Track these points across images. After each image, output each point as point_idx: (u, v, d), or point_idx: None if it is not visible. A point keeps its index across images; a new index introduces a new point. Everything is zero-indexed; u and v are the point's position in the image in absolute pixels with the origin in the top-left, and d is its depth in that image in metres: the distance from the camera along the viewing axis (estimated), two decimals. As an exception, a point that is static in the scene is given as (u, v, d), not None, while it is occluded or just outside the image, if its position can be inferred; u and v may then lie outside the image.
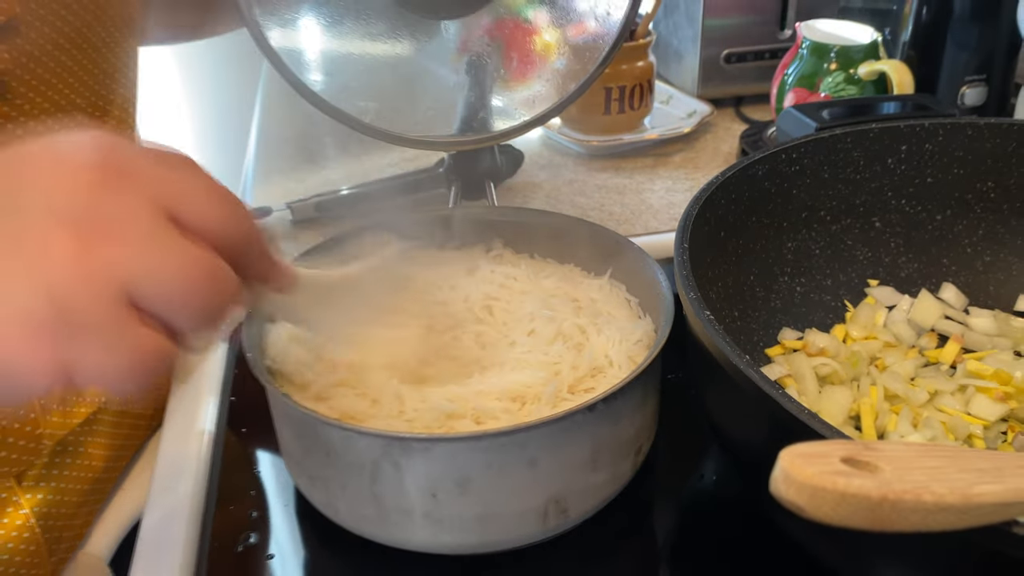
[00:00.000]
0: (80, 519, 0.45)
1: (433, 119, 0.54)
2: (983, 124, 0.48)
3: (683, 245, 0.37)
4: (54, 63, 0.41)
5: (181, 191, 0.25)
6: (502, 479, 0.32)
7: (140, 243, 0.24)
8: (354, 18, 0.48)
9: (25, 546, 0.42)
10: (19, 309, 0.23)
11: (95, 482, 0.46)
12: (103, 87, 0.45)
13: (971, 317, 0.48)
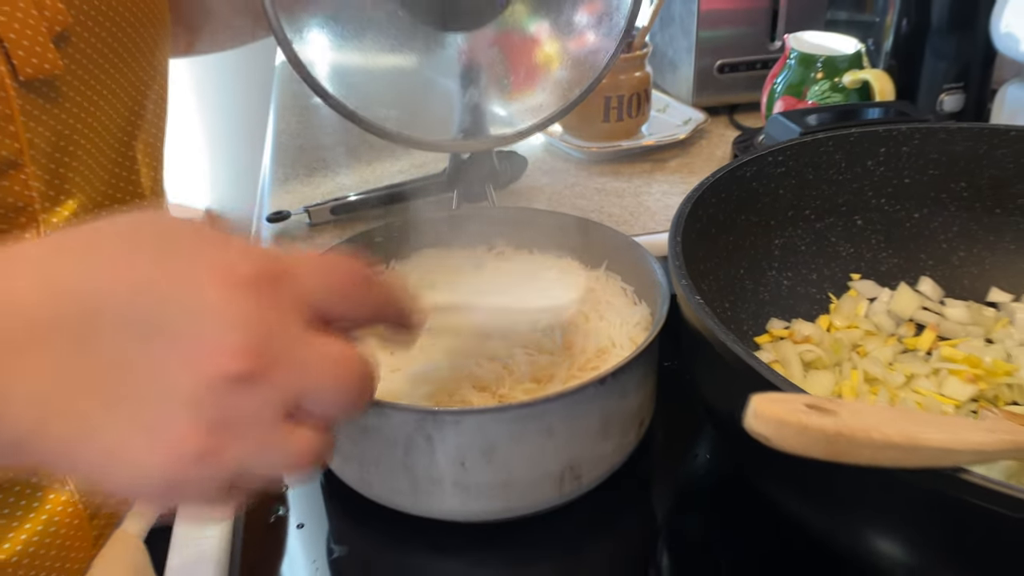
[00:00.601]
0: (115, 498, 0.49)
1: (445, 124, 0.57)
2: (955, 128, 0.52)
3: (676, 238, 0.40)
4: (98, 69, 0.45)
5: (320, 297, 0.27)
6: (523, 447, 0.36)
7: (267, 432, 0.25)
8: (374, 33, 0.52)
9: (70, 520, 0.46)
10: (136, 484, 0.25)
11: None
12: (138, 92, 0.49)
13: (946, 308, 0.51)
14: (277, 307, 0.25)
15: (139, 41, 0.47)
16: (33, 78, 0.40)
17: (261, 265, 0.25)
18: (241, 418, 0.24)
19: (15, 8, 0.38)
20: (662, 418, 0.46)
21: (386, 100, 0.52)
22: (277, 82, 0.99)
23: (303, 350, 0.25)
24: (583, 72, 0.60)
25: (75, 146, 0.44)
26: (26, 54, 0.39)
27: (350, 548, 0.40)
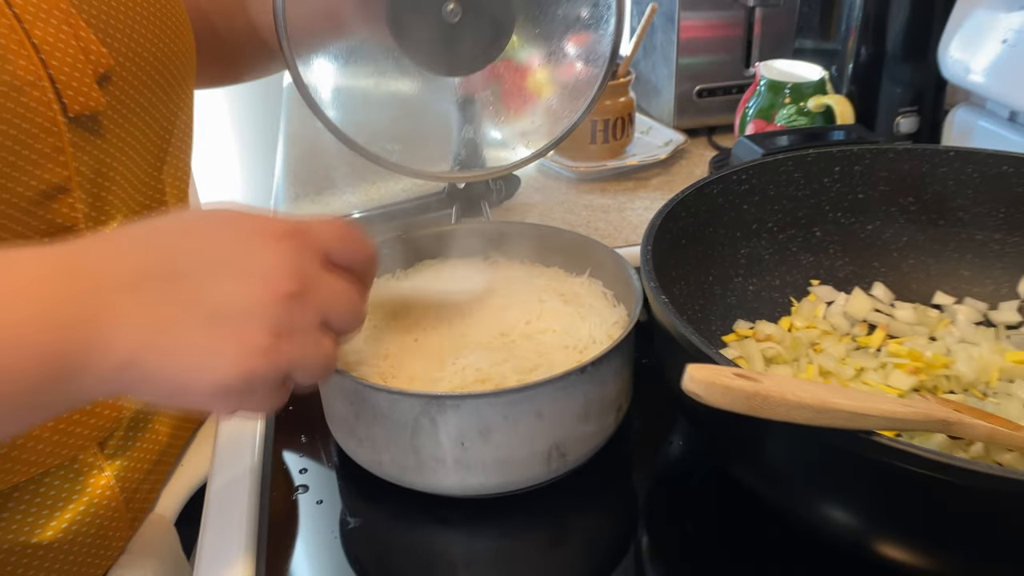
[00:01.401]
0: (149, 484, 0.54)
1: (443, 155, 0.63)
2: (902, 149, 0.58)
3: (647, 247, 0.46)
4: (135, 104, 0.50)
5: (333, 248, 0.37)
6: (516, 428, 0.41)
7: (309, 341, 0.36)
8: (381, 76, 0.58)
9: (108, 503, 0.51)
10: (218, 382, 0.33)
11: (161, 453, 0.55)
12: (168, 122, 0.54)
13: (896, 309, 0.57)
14: (304, 251, 0.35)
15: (169, 77, 0.53)
16: (80, 114, 0.45)
17: (290, 224, 0.36)
18: (293, 324, 0.34)
19: (65, 53, 0.44)
20: (639, 410, 0.51)
21: (390, 135, 0.58)
22: (285, 109, 1.05)
23: (326, 280, 0.36)
24: (573, 101, 0.66)
25: (114, 172, 0.49)
26: (75, 93, 0.44)
27: (363, 520, 0.45)
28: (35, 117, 0.42)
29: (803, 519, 0.41)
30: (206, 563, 0.43)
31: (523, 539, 0.46)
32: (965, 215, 0.58)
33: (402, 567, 0.44)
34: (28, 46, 0.41)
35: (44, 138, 0.42)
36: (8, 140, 0.40)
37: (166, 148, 0.54)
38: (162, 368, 0.33)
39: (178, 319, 0.33)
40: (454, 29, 0.53)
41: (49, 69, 0.42)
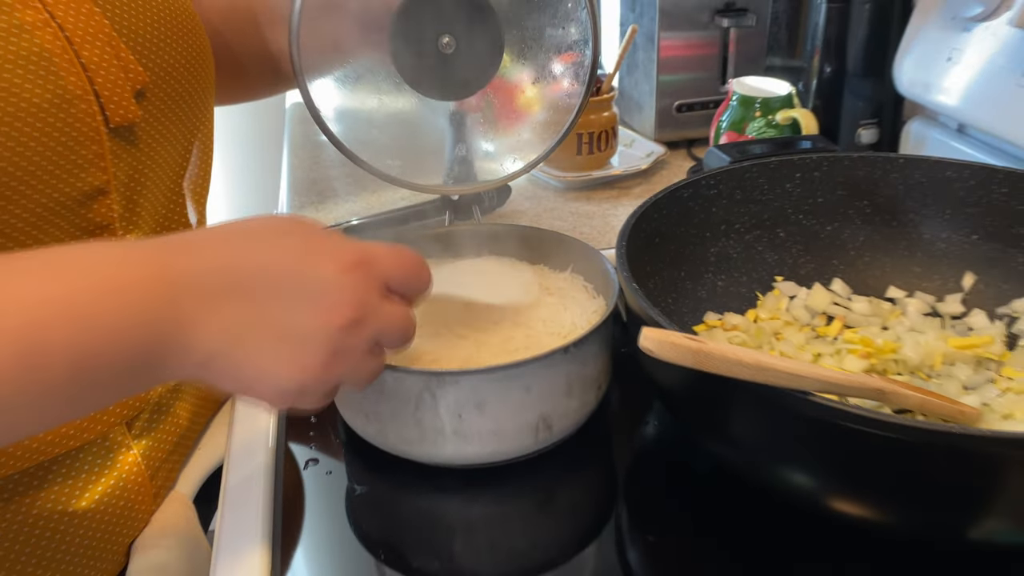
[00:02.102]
0: (170, 464, 0.59)
1: (440, 169, 0.69)
2: (856, 157, 0.63)
3: (623, 243, 0.51)
4: (164, 117, 0.55)
5: (394, 278, 0.43)
6: (507, 401, 0.47)
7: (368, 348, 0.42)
8: (383, 98, 0.63)
9: (134, 479, 0.56)
10: (276, 388, 0.39)
11: (181, 436, 0.60)
12: (190, 134, 0.59)
13: (852, 302, 0.62)
14: (369, 281, 0.40)
15: (193, 92, 0.58)
16: (120, 125, 0.50)
17: (358, 253, 0.41)
18: (347, 347, 0.40)
19: (108, 71, 0.49)
20: (618, 393, 0.57)
21: (391, 151, 0.64)
22: (289, 124, 1.11)
23: (384, 308, 0.41)
24: (558, 117, 0.72)
25: (145, 178, 0.55)
26: (115, 106, 0.50)
27: (369, 488, 0.50)
28: (82, 127, 0.47)
29: (759, 480, 0.46)
30: (227, 526, 0.48)
31: (513, 505, 0.51)
32: (915, 216, 0.63)
33: (405, 531, 0.49)
34: (77, 64, 0.47)
35: (88, 145, 0.48)
36: (59, 146, 0.46)
37: (188, 157, 0.60)
38: (231, 373, 0.39)
39: (250, 336, 0.38)
40: (449, 59, 0.59)
41: (95, 85, 0.47)
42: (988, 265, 0.61)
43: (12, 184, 0.44)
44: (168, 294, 0.37)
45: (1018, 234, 0.60)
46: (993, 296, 0.61)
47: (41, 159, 0.45)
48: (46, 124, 0.45)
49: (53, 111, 0.45)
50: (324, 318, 0.38)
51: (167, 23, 0.54)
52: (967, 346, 0.57)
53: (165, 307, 0.37)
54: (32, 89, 0.44)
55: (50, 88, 0.45)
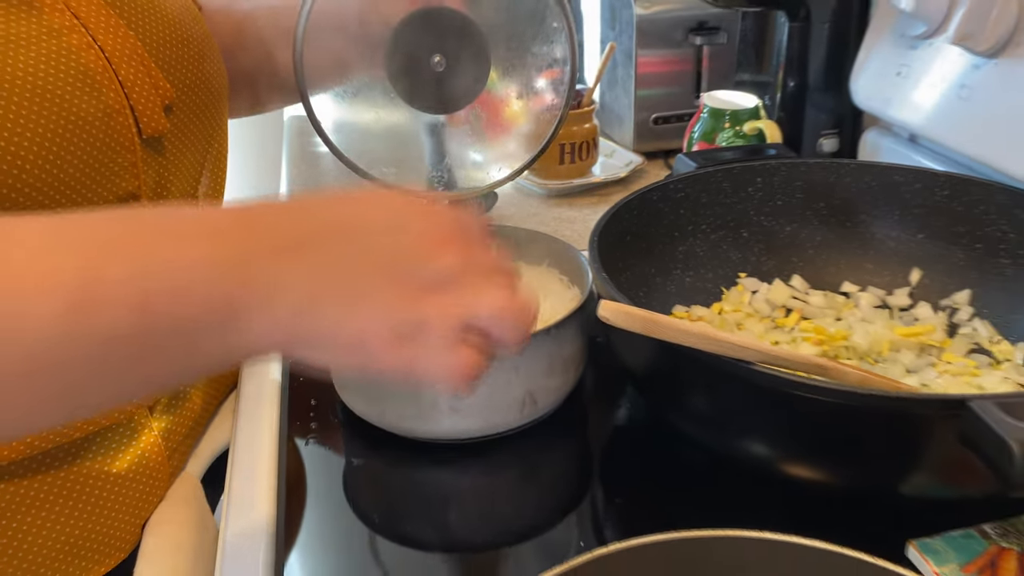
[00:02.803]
0: (185, 447, 0.64)
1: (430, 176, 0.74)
2: (812, 163, 0.69)
3: (595, 238, 0.57)
4: (187, 129, 0.60)
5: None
6: (497, 378, 0.52)
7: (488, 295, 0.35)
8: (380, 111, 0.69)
9: (154, 458, 0.60)
10: (390, 328, 0.34)
11: (195, 421, 0.65)
12: (206, 145, 0.64)
13: (810, 296, 0.68)
14: (470, 250, 0.36)
15: (211, 106, 0.63)
16: (151, 136, 0.55)
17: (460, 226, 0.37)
18: (441, 284, 0.34)
19: (142, 88, 0.54)
20: (594, 379, 0.62)
21: (387, 160, 0.69)
22: (287, 136, 1.16)
23: (490, 276, 0.35)
24: (540, 129, 0.77)
25: (170, 184, 0.59)
26: (148, 119, 0.54)
27: (365, 461, 0.55)
28: (120, 137, 0.52)
29: (714, 447, 0.52)
30: (235, 499, 0.53)
31: (501, 476, 0.56)
32: (866, 217, 0.69)
33: (401, 501, 0.54)
34: (116, 82, 0.52)
35: (124, 154, 0.53)
36: (99, 154, 0.51)
37: (205, 165, 0.64)
38: (328, 316, 0.34)
39: (327, 288, 0.34)
40: (440, 76, 0.65)
41: (131, 100, 0.52)
42: (933, 261, 0.67)
43: (59, 187, 0.49)
44: (251, 245, 0.34)
45: (958, 232, 0.65)
46: (937, 289, 0.66)
47: (84, 165, 0.50)
48: (89, 135, 0.50)
49: (96, 123, 0.50)
50: (421, 251, 0.34)
51: (188, 44, 0.60)
52: (911, 334, 0.63)
53: (248, 256, 0.33)
54: (79, 104, 0.49)
55: (93, 103, 0.50)
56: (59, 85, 0.48)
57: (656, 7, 0.97)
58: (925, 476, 0.45)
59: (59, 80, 0.48)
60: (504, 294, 0.35)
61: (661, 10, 0.97)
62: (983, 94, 0.64)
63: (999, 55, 0.63)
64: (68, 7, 0.50)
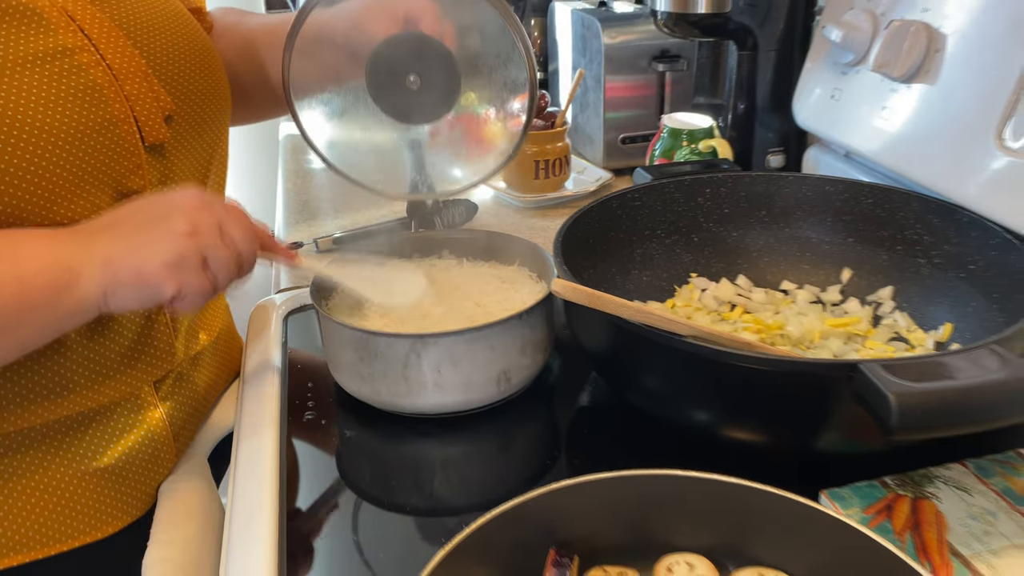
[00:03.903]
0: (189, 427, 0.71)
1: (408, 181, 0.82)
2: (754, 175, 0.78)
3: (559, 239, 0.65)
4: (187, 137, 0.67)
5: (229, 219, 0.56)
6: (476, 358, 0.59)
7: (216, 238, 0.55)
8: (362, 122, 0.77)
9: (161, 435, 0.67)
10: (160, 262, 0.52)
11: (198, 403, 0.72)
12: (209, 152, 0.71)
13: (753, 293, 0.76)
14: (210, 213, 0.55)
15: (211, 116, 0.70)
16: (152, 143, 0.62)
17: (203, 198, 0.56)
18: (203, 224, 0.54)
19: (145, 100, 0.61)
20: (561, 363, 0.70)
21: (372, 169, 0.77)
22: (282, 153, 1.24)
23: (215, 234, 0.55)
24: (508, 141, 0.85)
25: (173, 184, 0.66)
26: (150, 128, 0.61)
27: (356, 434, 0.63)
28: (125, 144, 0.59)
29: (661, 416, 0.59)
30: (242, 467, 0.60)
31: (480, 446, 0.63)
32: (803, 224, 0.78)
33: (390, 470, 0.61)
34: (122, 96, 0.59)
35: (129, 158, 0.60)
36: (107, 159, 0.58)
37: (208, 168, 0.71)
38: (127, 259, 0.52)
39: (133, 232, 0.53)
40: (416, 93, 0.73)
41: (134, 112, 0.60)
42: (860, 262, 0.75)
43: (76, 184, 0.57)
44: (74, 235, 0.54)
45: (882, 236, 0.74)
46: (864, 286, 0.75)
47: (95, 168, 0.58)
48: (97, 142, 0.58)
49: (103, 132, 0.58)
50: (181, 207, 0.54)
51: (192, 60, 0.67)
52: (840, 324, 0.71)
53: (73, 241, 0.53)
54: (88, 115, 0.57)
55: (101, 114, 0.58)
56: (70, 98, 0.56)
57: (622, 37, 1.06)
58: (833, 432, 0.53)
59: (71, 94, 0.56)
60: (228, 250, 0.55)
61: (627, 40, 1.07)
62: (900, 114, 0.74)
63: (912, 80, 0.72)
64: (80, 27, 0.58)
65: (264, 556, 0.51)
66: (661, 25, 0.93)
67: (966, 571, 0.48)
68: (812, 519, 0.44)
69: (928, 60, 0.71)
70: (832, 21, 0.80)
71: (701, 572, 0.46)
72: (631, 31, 1.07)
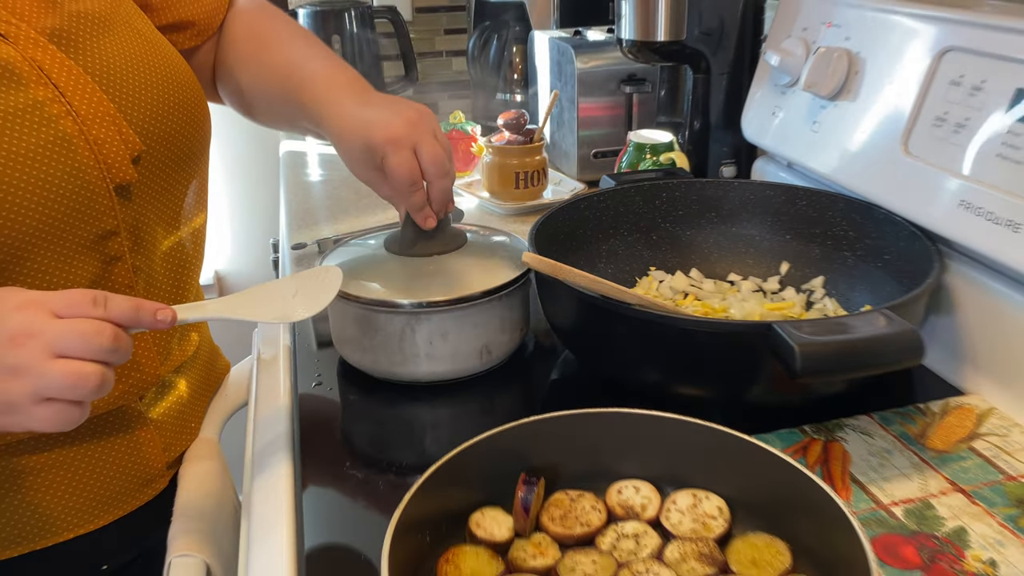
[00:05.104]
0: (185, 432, 0.74)
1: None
2: (705, 181, 0.89)
3: (533, 234, 0.76)
4: (156, 176, 0.66)
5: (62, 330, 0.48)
6: (462, 332, 0.70)
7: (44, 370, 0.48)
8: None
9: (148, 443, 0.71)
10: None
11: (184, 407, 0.75)
12: (185, 179, 0.70)
13: (703, 284, 0.87)
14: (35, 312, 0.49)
15: (185, 153, 0.69)
16: (119, 184, 0.61)
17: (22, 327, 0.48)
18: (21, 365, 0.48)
19: (112, 145, 0.60)
20: (537, 345, 0.81)
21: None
22: (283, 168, 1.35)
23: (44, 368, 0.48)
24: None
25: (146, 220, 0.65)
26: (117, 170, 0.60)
27: (359, 399, 0.73)
28: (94, 187, 0.60)
29: (621, 381, 0.70)
30: (260, 432, 0.70)
31: (466, 410, 0.73)
32: (748, 223, 0.89)
33: (391, 429, 0.71)
34: (89, 142, 0.59)
35: (100, 199, 0.60)
36: (76, 202, 0.59)
37: (182, 203, 0.71)
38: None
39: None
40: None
41: (101, 156, 0.60)
42: (796, 256, 0.86)
43: (48, 230, 0.58)
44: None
45: (815, 233, 0.85)
46: (800, 277, 0.86)
47: (67, 212, 0.59)
48: (67, 187, 0.58)
49: (72, 178, 0.58)
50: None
51: (164, 99, 0.66)
52: (776, 308, 0.82)
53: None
54: (56, 163, 0.58)
55: (68, 162, 0.58)
56: (40, 151, 0.57)
57: (594, 63, 1.18)
58: (759, 385, 0.64)
59: (40, 147, 0.57)
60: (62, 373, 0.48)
61: (598, 65, 1.18)
62: (827, 127, 0.85)
63: (837, 98, 0.84)
64: (50, 80, 0.58)
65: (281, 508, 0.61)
66: (626, 51, 1.04)
67: (862, 492, 0.58)
68: (738, 449, 0.55)
69: (849, 81, 0.83)
70: (772, 48, 0.92)
71: (646, 494, 0.56)
72: (602, 57, 1.19)
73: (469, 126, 1.33)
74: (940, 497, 0.57)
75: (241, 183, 1.59)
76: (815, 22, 0.89)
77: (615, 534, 0.54)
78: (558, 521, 0.54)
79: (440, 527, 0.53)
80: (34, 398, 0.48)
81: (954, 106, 0.71)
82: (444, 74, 1.69)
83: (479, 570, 0.50)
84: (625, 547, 0.53)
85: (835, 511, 0.48)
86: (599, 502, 0.56)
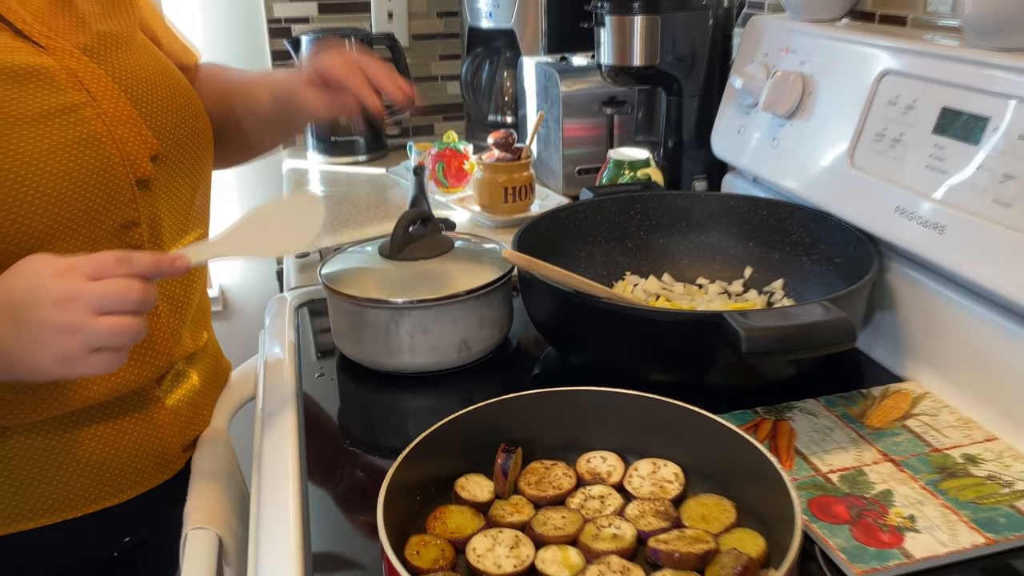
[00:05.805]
0: (198, 419, 0.82)
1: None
2: (676, 193, 0.97)
3: (515, 241, 0.84)
4: (172, 173, 0.74)
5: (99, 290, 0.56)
6: (442, 327, 0.77)
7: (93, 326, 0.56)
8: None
9: (166, 425, 0.78)
10: (52, 356, 0.56)
11: (196, 395, 0.82)
12: (194, 181, 0.78)
13: (674, 287, 0.95)
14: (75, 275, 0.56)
15: (194, 156, 0.77)
16: (140, 179, 0.69)
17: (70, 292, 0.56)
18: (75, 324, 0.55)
19: (133, 144, 0.68)
20: (518, 340, 0.88)
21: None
22: (286, 184, 1.43)
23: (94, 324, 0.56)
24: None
25: (162, 213, 0.73)
26: (138, 167, 0.69)
27: (354, 387, 0.81)
28: (119, 180, 0.68)
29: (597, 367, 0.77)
30: (268, 415, 0.77)
31: (446, 400, 0.80)
32: (714, 232, 0.97)
33: (379, 414, 0.78)
34: (115, 139, 0.67)
35: (123, 193, 0.68)
36: (104, 192, 0.67)
37: (193, 199, 0.80)
38: (20, 358, 0.57)
39: (19, 328, 0.57)
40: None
41: (124, 154, 0.68)
42: (758, 261, 0.94)
43: (80, 216, 0.66)
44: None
45: (775, 240, 0.93)
46: (761, 280, 0.94)
47: (96, 200, 0.66)
48: (95, 181, 0.66)
49: (101, 173, 0.67)
50: (53, 313, 0.56)
51: (177, 108, 0.75)
52: (738, 307, 0.90)
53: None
54: (87, 159, 0.66)
55: (99, 157, 0.66)
56: (74, 147, 0.65)
57: (577, 86, 1.27)
58: (715, 369, 0.71)
59: (74, 143, 0.65)
60: (113, 301, 0.56)
61: (581, 88, 1.27)
62: (786, 144, 0.94)
63: (793, 117, 0.93)
64: (83, 85, 0.67)
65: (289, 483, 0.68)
66: (605, 75, 1.13)
67: (804, 463, 0.66)
68: (694, 422, 0.62)
69: (804, 101, 0.91)
70: (737, 72, 1.01)
71: (611, 462, 0.64)
72: (585, 81, 1.28)
73: (462, 145, 1.41)
74: (872, 466, 0.65)
75: (246, 199, 1.68)
76: (775, 48, 0.97)
77: (583, 496, 0.61)
78: (534, 485, 0.62)
79: (429, 490, 0.61)
80: (86, 350, 0.56)
81: (891, 123, 0.79)
82: (439, 97, 1.79)
83: (463, 525, 0.58)
84: (592, 507, 0.60)
85: (774, 474, 0.55)
86: (570, 470, 0.63)
